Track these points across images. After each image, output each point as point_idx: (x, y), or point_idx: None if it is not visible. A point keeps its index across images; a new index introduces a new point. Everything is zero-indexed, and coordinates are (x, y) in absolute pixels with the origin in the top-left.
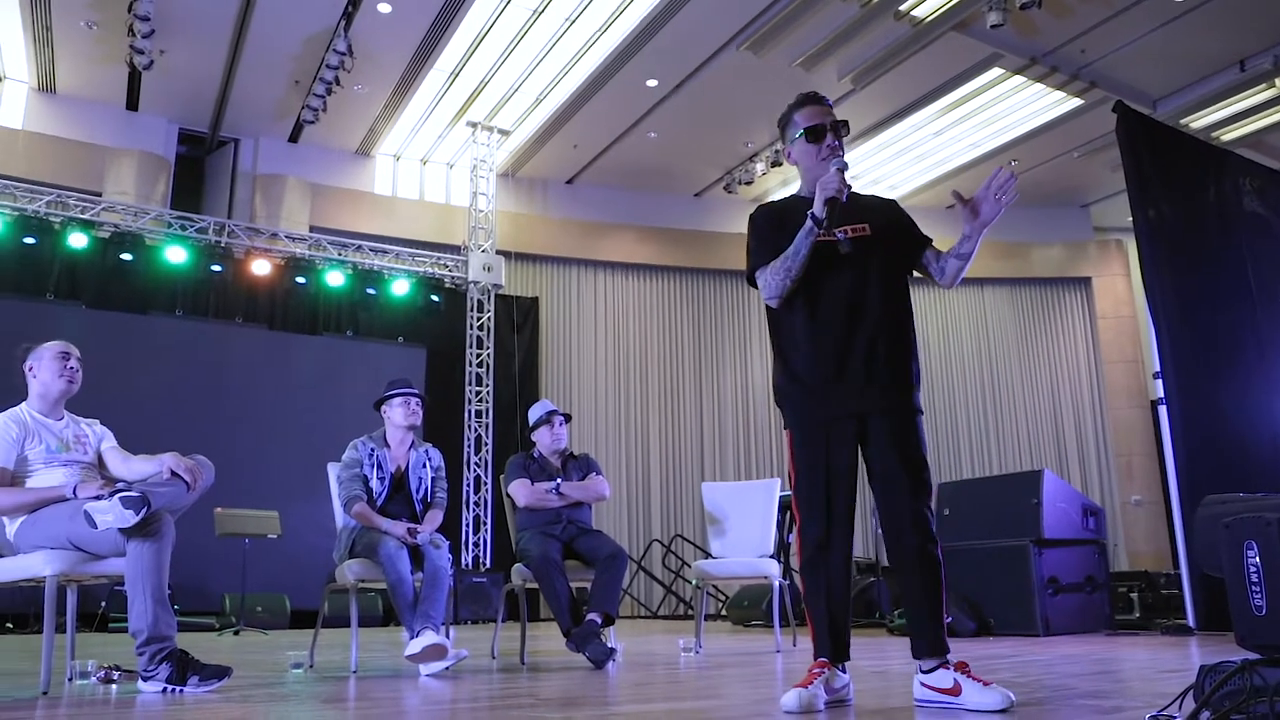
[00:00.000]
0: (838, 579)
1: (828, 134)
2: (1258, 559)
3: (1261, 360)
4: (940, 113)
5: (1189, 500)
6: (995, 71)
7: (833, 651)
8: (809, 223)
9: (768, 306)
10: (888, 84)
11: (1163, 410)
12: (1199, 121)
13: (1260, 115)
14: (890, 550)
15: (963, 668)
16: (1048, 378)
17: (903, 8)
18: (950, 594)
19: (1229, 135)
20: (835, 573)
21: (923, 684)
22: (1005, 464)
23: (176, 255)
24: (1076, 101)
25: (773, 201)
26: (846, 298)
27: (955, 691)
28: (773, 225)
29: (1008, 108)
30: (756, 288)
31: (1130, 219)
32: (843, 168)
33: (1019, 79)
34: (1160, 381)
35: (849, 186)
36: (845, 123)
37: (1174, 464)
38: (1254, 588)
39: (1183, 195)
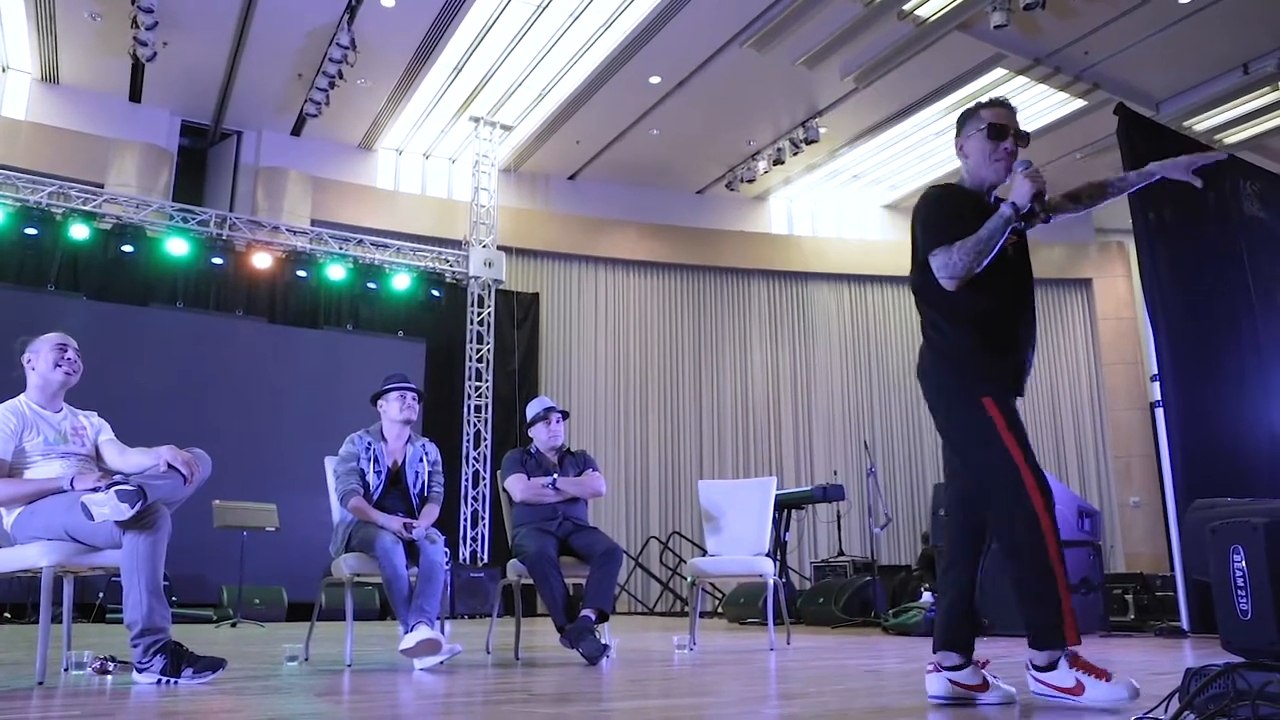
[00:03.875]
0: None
1: (1009, 136)
2: (1244, 563)
3: (1259, 364)
4: (943, 113)
5: (1184, 503)
6: (999, 72)
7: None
8: (1008, 212)
9: (932, 290)
10: (890, 83)
11: (1160, 412)
12: (1202, 124)
13: (1263, 118)
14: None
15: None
16: (1048, 378)
17: (906, 7)
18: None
19: (1232, 138)
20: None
21: (1036, 680)
22: None
23: (178, 248)
24: (1080, 103)
25: (946, 185)
26: (1014, 284)
27: (1077, 691)
28: (957, 209)
29: None
30: (922, 265)
31: (1131, 221)
32: (1026, 168)
33: (1022, 80)
34: (1158, 384)
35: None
36: (1028, 135)
37: (1170, 467)
38: (1239, 592)
39: (1183, 198)
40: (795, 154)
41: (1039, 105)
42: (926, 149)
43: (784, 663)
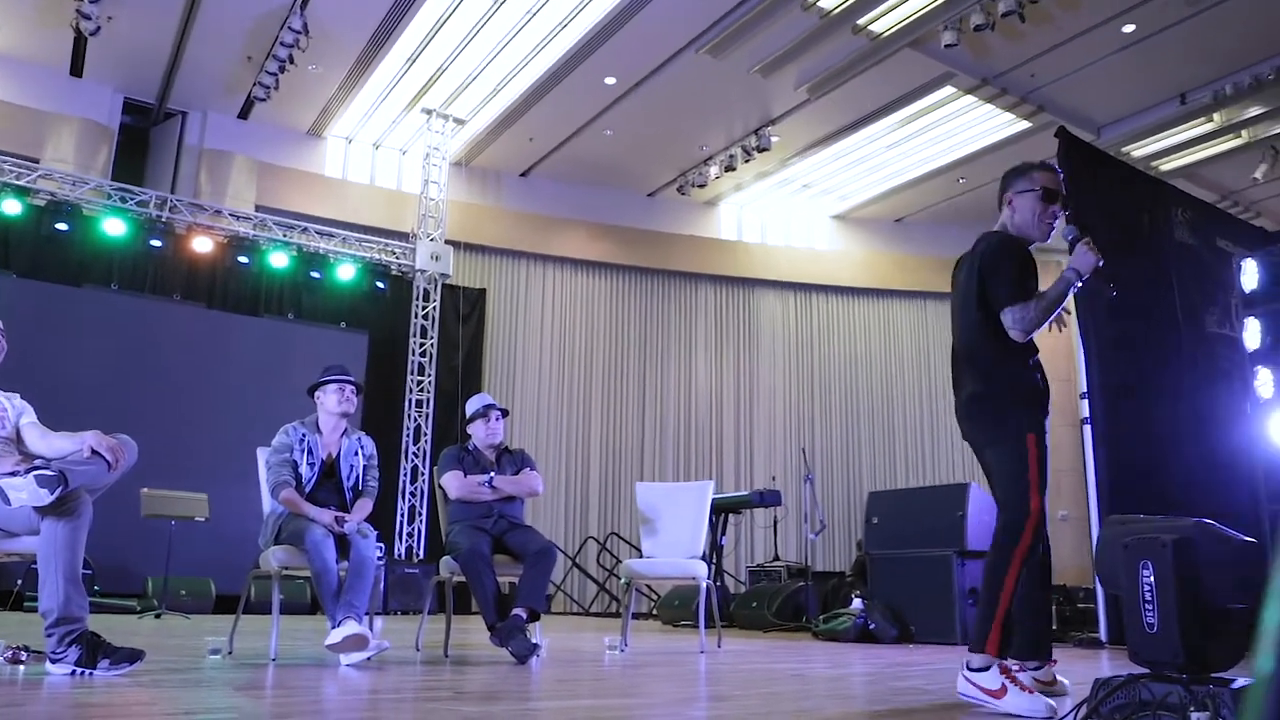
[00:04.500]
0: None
1: (1057, 202)
2: (1152, 578)
3: (1183, 387)
4: (893, 127)
5: (1107, 519)
6: (947, 90)
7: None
8: (1072, 277)
9: (998, 333)
10: (843, 96)
11: (1087, 429)
12: (1140, 150)
13: (1197, 148)
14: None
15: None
16: None
17: (861, 21)
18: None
19: (1167, 165)
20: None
21: (966, 679)
22: (939, 475)
23: (115, 228)
24: (1025, 124)
25: (1007, 235)
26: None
27: (1000, 694)
28: (1025, 263)
29: (958, 126)
30: (985, 308)
31: (1068, 242)
32: (1078, 237)
33: (970, 99)
34: (1085, 401)
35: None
36: (1069, 198)
37: (1095, 483)
38: (1147, 606)
39: (1118, 222)
40: (747, 161)
41: (985, 125)
42: (876, 162)
43: (713, 665)
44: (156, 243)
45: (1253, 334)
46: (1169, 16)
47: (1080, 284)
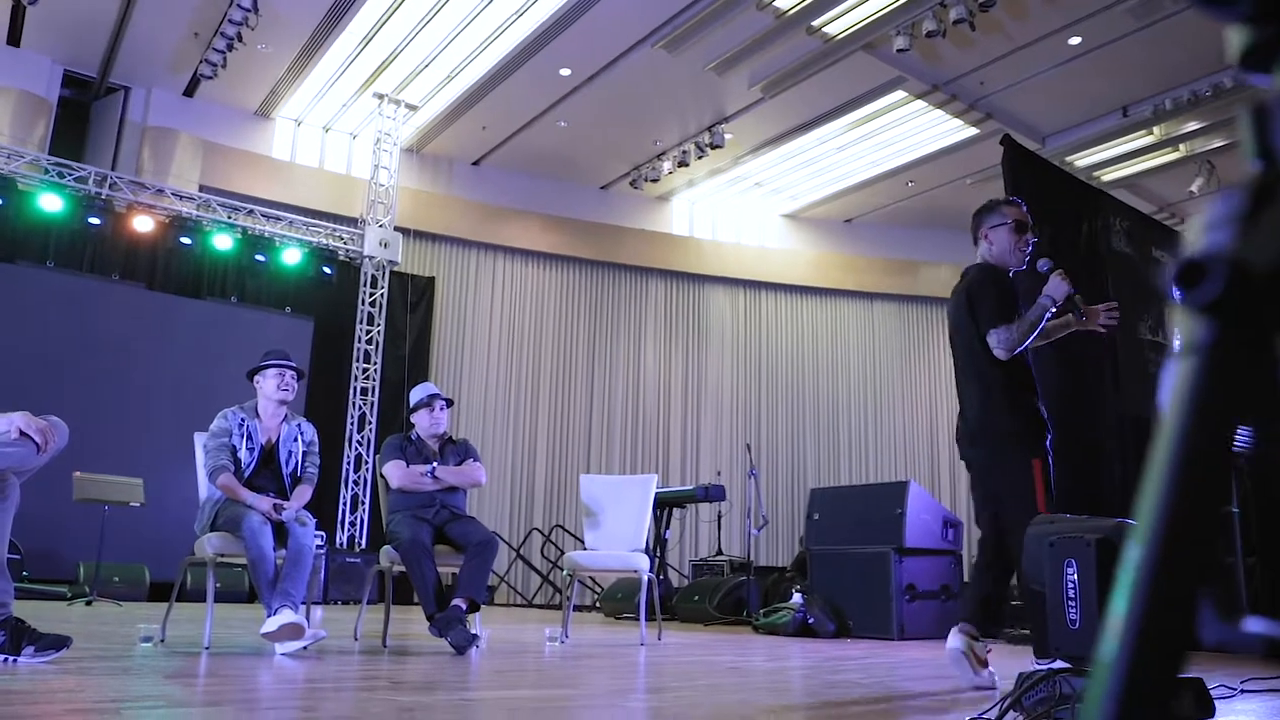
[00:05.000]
0: None
1: (1029, 231)
2: (1075, 576)
3: (1117, 393)
4: (844, 129)
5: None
6: (898, 94)
7: None
8: (1048, 303)
9: (987, 359)
10: (795, 96)
11: None
12: (1082, 160)
13: (1138, 160)
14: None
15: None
16: (927, 392)
17: (815, 23)
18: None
19: (1109, 176)
20: None
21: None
22: (881, 473)
23: (51, 204)
24: (973, 130)
25: (989, 266)
26: (1055, 363)
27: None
28: (1007, 289)
29: (908, 131)
30: (984, 335)
31: None
32: (1052, 268)
33: (920, 104)
34: None
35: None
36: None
37: None
38: (1070, 603)
39: (1059, 230)
40: (700, 157)
41: (934, 130)
42: (827, 163)
43: (653, 658)
44: (95, 220)
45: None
46: (1114, 31)
47: (1054, 309)
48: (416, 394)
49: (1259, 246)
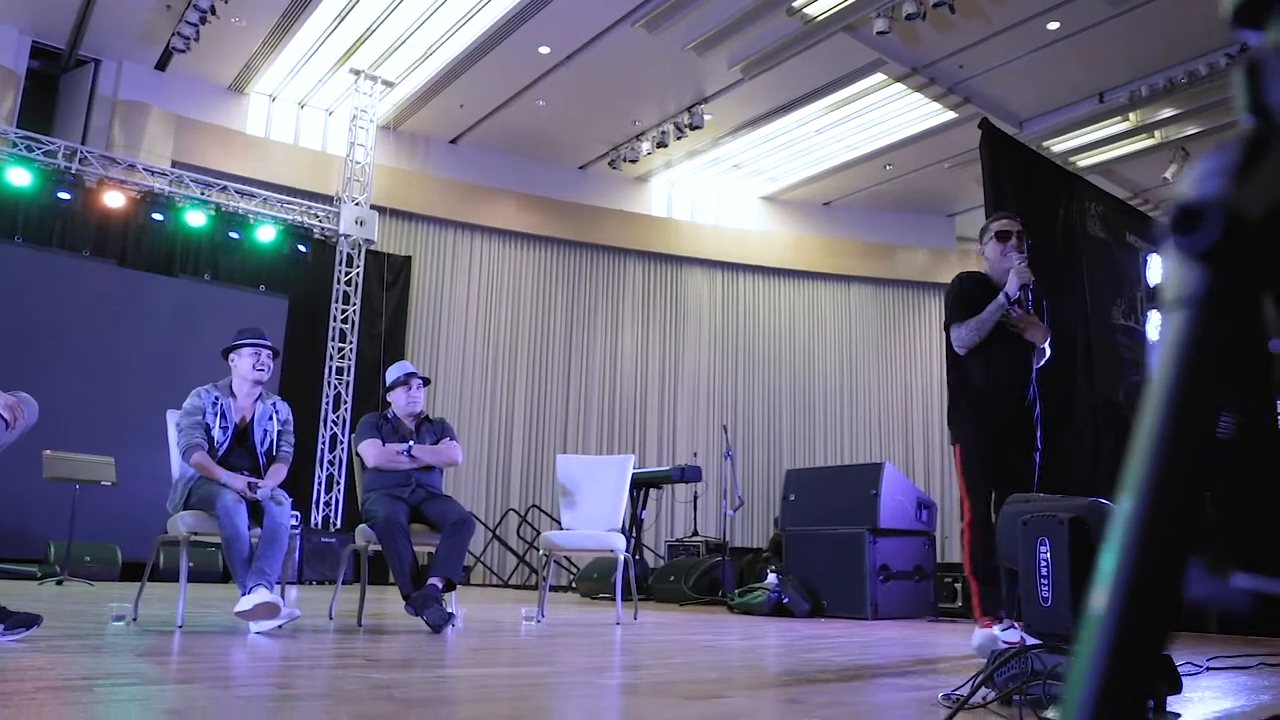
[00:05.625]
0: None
1: (1013, 238)
2: (1049, 555)
3: (1089, 376)
4: (823, 111)
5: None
6: (878, 77)
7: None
8: (1002, 299)
9: (953, 352)
10: (775, 77)
11: None
12: (1059, 145)
13: (1113, 146)
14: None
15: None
16: (903, 375)
17: (796, 4)
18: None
19: (1084, 161)
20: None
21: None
22: (856, 454)
23: (20, 178)
24: (951, 115)
25: (972, 273)
26: (1010, 358)
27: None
28: (972, 293)
29: (886, 114)
30: (949, 334)
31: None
32: (1024, 263)
33: (899, 87)
34: None
35: (1034, 279)
36: (1025, 234)
37: None
38: (1043, 580)
39: (1035, 214)
40: (679, 138)
41: (913, 113)
42: (806, 145)
43: (628, 637)
44: (65, 195)
45: (1156, 326)
46: (1091, 16)
47: (1009, 304)
48: (393, 372)
49: (1252, 197)
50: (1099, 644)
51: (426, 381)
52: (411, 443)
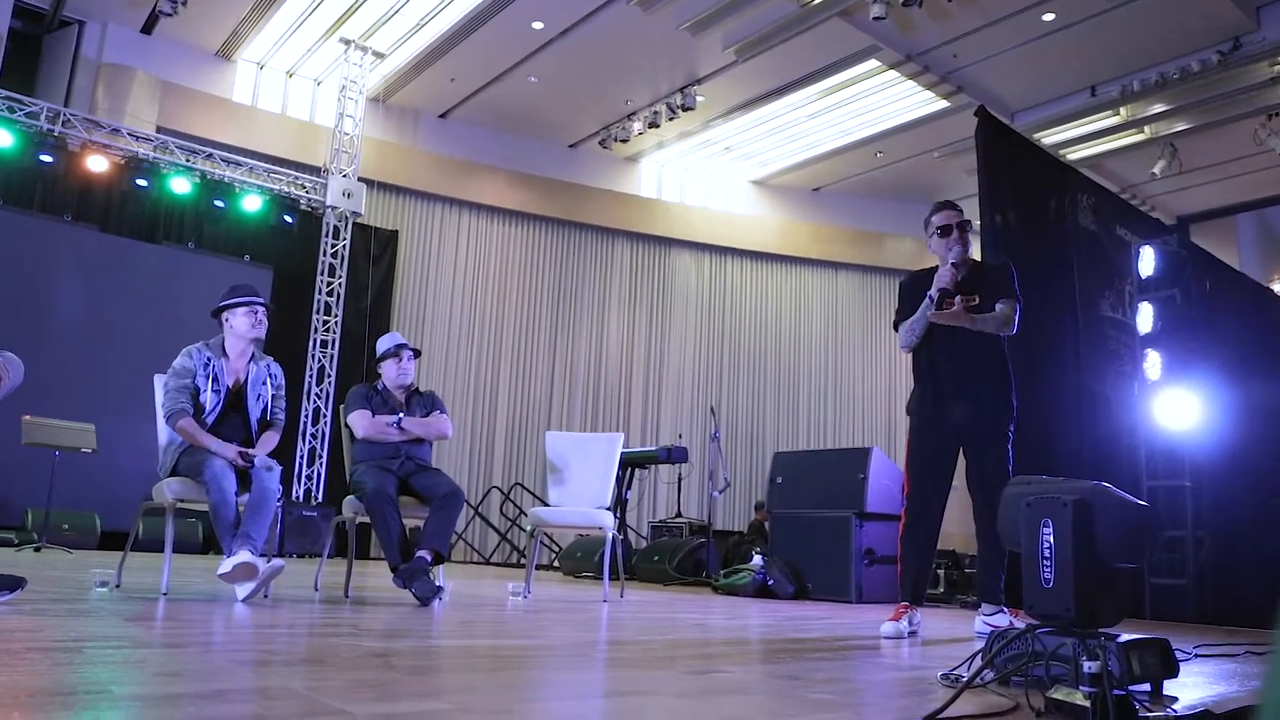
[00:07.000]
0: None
1: (954, 232)
2: (1052, 536)
3: (1077, 368)
4: (816, 97)
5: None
6: (872, 63)
7: (914, 596)
8: (926, 301)
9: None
10: (770, 60)
11: None
12: (1050, 138)
13: (1103, 140)
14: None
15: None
16: (888, 361)
17: None
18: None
19: (1073, 155)
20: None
21: (984, 621)
22: (839, 439)
23: (1, 139)
24: (943, 103)
25: (921, 270)
26: (953, 349)
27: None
28: (913, 291)
29: (879, 101)
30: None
31: (979, 221)
32: (956, 263)
33: (893, 74)
34: None
35: (960, 277)
36: (969, 221)
37: None
38: (1045, 562)
39: (1028, 205)
40: (671, 119)
41: (905, 101)
42: (798, 130)
43: (616, 614)
44: (47, 158)
45: (1145, 318)
46: (1086, 9)
47: (931, 303)
48: (384, 343)
49: None
50: None
51: (417, 353)
52: (401, 415)
